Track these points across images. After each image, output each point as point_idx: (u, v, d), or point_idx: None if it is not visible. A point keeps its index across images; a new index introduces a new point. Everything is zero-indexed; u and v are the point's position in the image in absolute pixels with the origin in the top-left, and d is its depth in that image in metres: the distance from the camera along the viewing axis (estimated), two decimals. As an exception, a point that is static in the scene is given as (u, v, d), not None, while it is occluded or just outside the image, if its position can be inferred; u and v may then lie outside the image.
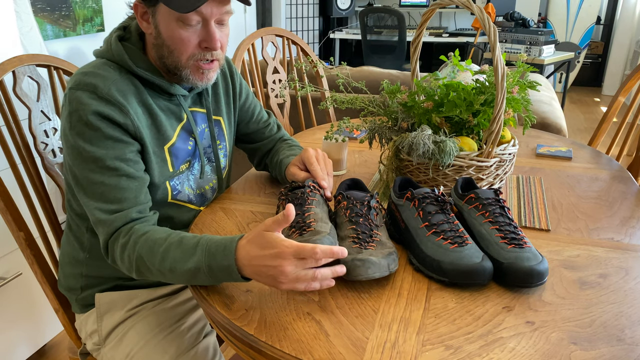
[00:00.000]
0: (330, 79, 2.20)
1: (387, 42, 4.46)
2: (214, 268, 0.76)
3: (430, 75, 1.18)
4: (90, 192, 0.88)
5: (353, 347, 0.67)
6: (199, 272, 0.78)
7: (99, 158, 0.87)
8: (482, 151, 1.01)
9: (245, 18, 4.51)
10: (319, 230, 0.81)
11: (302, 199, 0.89)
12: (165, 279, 0.83)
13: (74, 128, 0.88)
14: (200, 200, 1.09)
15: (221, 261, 0.76)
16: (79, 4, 2.30)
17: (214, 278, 0.77)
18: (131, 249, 0.85)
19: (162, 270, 0.82)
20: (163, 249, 0.82)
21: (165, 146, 0.98)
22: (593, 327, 0.71)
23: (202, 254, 0.78)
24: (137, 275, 0.86)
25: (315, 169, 1.01)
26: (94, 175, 0.88)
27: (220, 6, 0.90)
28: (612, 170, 1.31)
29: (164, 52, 0.93)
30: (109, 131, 0.88)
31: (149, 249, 0.83)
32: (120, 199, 0.88)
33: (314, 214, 0.85)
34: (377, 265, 0.77)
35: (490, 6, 3.55)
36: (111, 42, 0.95)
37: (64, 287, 1.08)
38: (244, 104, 1.19)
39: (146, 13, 0.92)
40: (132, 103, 0.92)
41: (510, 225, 0.85)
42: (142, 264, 0.84)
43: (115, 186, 0.88)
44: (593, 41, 6.01)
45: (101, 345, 1.05)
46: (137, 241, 0.84)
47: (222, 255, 0.76)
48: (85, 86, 0.89)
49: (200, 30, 0.91)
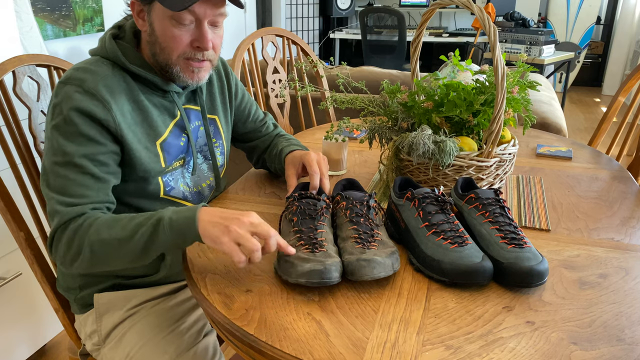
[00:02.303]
0: (330, 79, 2.20)
1: (387, 42, 4.46)
2: (174, 221, 0.82)
3: (430, 75, 1.18)
4: (52, 184, 0.90)
5: (353, 347, 0.67)
6: (159, 225, 0.82)
7: (68, 153, 0.89)
8: (482, 151, 1.01)
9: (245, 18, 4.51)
10: (331, 254, 0.80)
11: (313, 212, 0.88)
12: (117, 254, 0.85)
13: (54, 119, 0.90)
14: (197, 198, 1.09)
15: (184, 213, 0.82)
16: (79, 4, 2.30)
17: (171, 233, 0.82)
18: (85, 229, 0.86)
19: (121, 238, 0.84)
20: (125, 221, 0.85)
21: (157, 142, 0.99)
22: (593, 327, 0.71)
23: (168, 210, 0.84)
24: (82, 262, 0.86)
25: (313, 174, 1.03)
26: (59, 168, 0.89)
27: (214, 8, 0.92)
28: (612, 170, 1.31)
29: (156, 50, 0.95)
30: (85, 128, 0.90)
31: (107, 224, 0.85)
32: (79, 194, 0.89)
33: (326, 233, 0.85)
34: (382, 265, 0.77)
35: (490, 6, 3.55)
36: (105, 40, 0.98)
37: (63, 287, 1.09)
38: (240, 103, 1.21)
39: (142, 11, 0.95)
40: (120, 100, 0.93)
41: (510, 225, 0.85)
42: (96, 240, 0.85)
43: (77, 182, 0.89)
44: (593, 41, 6.01)
45: (101, 345, 1.05)
46: (92, 222, 0.86)
47: (187, 209, 0.83)
48: (74, 80, 0.91)
49: (193, 30, 0.93)
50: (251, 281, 0.82)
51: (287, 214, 0.90)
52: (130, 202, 1.01)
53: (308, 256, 0.78)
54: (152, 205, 1.02)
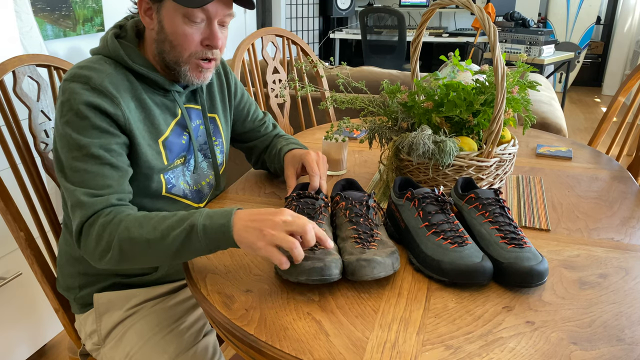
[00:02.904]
0: (330, 79, 2.20)
1: (387, 42, 4.46)
2: (208, 228, 0.79)
3: (430, 75, 1.18)
4: (73, 179, 0.89)
5: (353, 347, 0.67)
6: (192, 232, 0.80)
7: (84, 146, 0.89)
8: (482, 151, 1.01)
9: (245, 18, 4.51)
10: (330, 252, 0.79)
11: (312, 211, 0.88)
12: (148, 254, 0.83)
13: (64, 116, 0.90)
14: (197, 197, 1.10)
15: (218, 220, 0.79)
16: (79, 4, 2.30)
17: (206, 240, 0.79)
18: (115, 225, 0.84)
19: (151, 239, 0.81)
20: (156, 220, 0.83)
21: (159, 140, 1.00)
22: (593, 327, 0.71)
23: (200, 216, 0.81)
24: (112, 257, 0.84)
25: (313, 175, 1.03)
26: (78, 163, 0.89)
27: (225, 8, 0.93)
28: (612, 170, 1.31)
29: (165, 48, 0.95)
30: (97, 121, 0.90)
31: (138, 222, 0.83)
32: (102, 185, 0.89)
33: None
34: (383, 265, 0.77)
35: (490, 6, 3.55)
36: (107, 39, 0.98)
37: (63, 287, 1.09)
38: (239, 103, 1.22)
39: (150, 9, 0.95)
40: (125, 96, 0.94)
41: (510, 225, 0.85)
42: (126, 238, 0.83)
43: (97, 174, 0.89)
44: (593, 41, 6.01)
45: (101, 345, 1.05)
46: (122, 218, 0.85)
47: (220, 216, 0.80)
48: (79, 78, 0.91)
49: (203, 28, 0.94)
50: (251, 281, 0.82)
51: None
52: (132, 201, 1.00)
53: (307, 254, 0.78)
54: (153, 203, 1.02)
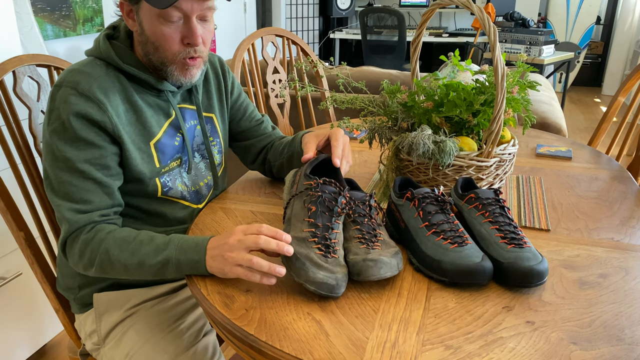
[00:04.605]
0: (330, 79, 2.20)
1: (387, 42, 4.46)
2: (182, 262, 0.83)
3: (430, 75, 1.18)
4: (57, 190, 0.91)
5: (353, 347, 0.67)
6: (167, 265, 0.84)
7: (69, 159, 0.90)
8: (482, 151, 1.01)
9: (245, 18, 4.51)
10: (340, 262, 0.79)
11: (331, 204, 0.84)
12: (127, 274, 0.89)
13: (51, 124, 0.91)
14: (195, 198, 1.09)
15: (192, 256, 0.83)
16: (79, 4, 2.30)
17: (179, 271, 0.84)
18: (96, 244, 0.89)
19: (129, 264, 0.87)
20: (133, 246, 0.87)
21: (151, 142, 0.99)
22: (593, 327, 0.71)
23: (174, 249, 0.84)
24: (96, 271, 0.91)
25: (337, 145, 0.99)
26: (63, 174, 0.90)
27: (201, 2, 0.91)
28: (612, 170, 1.31)
29: (149, 49, 0.95)
30: (83, 133, 0.90)
31: (117, 245, 0.88)
32: (85, 200, 0.91)
33: (339, 234, 0.83)
34: (389, 265, 0.77)
35: (490, 6, 3.55)
36: (99, 40, 0.98)
37: (62, 287, 1.09)
38: (236, 101, 1.20)
39: (131, 11, 0.94)
40: (114, 100, 0.94)
41: (510, 225, 0.85)
42: (106, 259, 0.88)
43: (81, 188, 0.91)
44: (593, 41, 6.01)
45: (100, 345, 1.05)
46: (103, 238, 0.89)
47: (193, 252, 0.83)
48: (69, 83, 0.91)
49: (182, 26, 0.93)
50: (251, 281, 0.82)
51: (305, 198, 0.86)
52: (128, 202, 1.01)
53: (320, 261, 0.77)
54: (150, 204, 1.02)
